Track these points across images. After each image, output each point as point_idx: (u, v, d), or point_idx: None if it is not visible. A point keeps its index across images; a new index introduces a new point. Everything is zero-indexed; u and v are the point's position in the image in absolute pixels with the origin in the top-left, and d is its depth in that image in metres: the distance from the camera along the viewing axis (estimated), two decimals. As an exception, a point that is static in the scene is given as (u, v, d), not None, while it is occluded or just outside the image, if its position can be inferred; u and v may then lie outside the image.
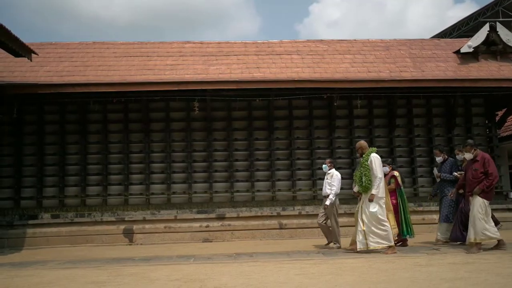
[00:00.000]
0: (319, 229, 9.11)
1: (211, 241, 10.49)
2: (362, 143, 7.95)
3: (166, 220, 10.77)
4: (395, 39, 13.25)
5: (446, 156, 8.81)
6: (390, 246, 7.32)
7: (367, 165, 7.53)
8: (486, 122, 12.57)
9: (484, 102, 12.46)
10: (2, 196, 11.31)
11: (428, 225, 10.82)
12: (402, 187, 8.59)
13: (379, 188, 7.40)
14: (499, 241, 7.32)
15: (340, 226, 8.79)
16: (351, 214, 11.00)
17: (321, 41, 13.03)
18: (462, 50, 12.03)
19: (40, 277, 5.91)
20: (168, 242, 10.39)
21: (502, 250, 7.16)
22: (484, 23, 13.23)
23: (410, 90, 11.38)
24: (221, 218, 10.80)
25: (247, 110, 11.94)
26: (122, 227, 10.67)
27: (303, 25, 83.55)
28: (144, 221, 10.75)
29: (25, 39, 9.09)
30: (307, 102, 12.01)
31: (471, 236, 7.23)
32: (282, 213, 10.87)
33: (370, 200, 7.37)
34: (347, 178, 11.86)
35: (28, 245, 10.25)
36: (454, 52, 12.25)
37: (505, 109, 12.60)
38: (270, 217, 10.84)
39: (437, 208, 11.25)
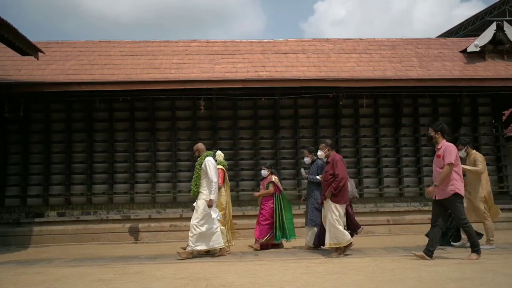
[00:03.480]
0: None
1: (216, 240, 10.47)
2: (199, 145, 7.88)
3: (171, 218, 10.80)
4: (401, 38, 13.19)
5: (315, 157, 8.43)
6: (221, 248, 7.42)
7: (201, 169, 7.49)
8: (493, 121, 12.51)
9: (490, 101, 12.40)
10: (9, 194, 11.37)
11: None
12: (282, 192, 8.55)
13: (216, 192, 7.35)
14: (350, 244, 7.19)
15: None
16: (355, 214, 11.03)
17: (327, 40, 13.00)
18: (469, 50, 11.98)
19: (47, 275, 5.93)
20: (174, 241, 10.41)
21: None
22: (491, 22, 13.17)
23: (416, 89, 11.34)
24: (226, 216, 10.79)
25: (252, 109, 11.94)
26: (127, 225, 10.71)
27: (308, 23, 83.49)
28: (150, 219, 10.79)
29: (30, 38, 9.11)
30: (313, 101, 11.99)
31: (327, 241, 7.15)
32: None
33: (210, 206, 7.28)
34: (352, 178, 11.86)
35: (35, 243, 10.32)
36: (461, 52, 12.20)
37: (512, 108, 12.56)
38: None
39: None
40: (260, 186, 8.93)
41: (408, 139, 12.15)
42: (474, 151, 8.10)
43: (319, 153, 7.61)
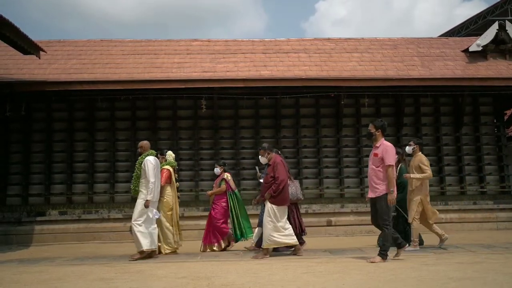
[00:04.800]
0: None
1: (217, 239, 10.47)
2: (144, 143, 7.80)
3: (172, 217, 10.79)
4: (403, 37, 13.17)
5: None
6: (153, 250, 7.38)
7: (140, 168, 7.46)
8: (495, 121, 12.49)
9: (492, 101, 12.38)
10: (10, 193, 11.39)
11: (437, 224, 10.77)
12: (236, 190, 8.45)
13: (153, 193, 7.33)
14: (295, 246, 7.23)
15: (349, 225, 8.71)
16: (357, 213, 11.03)
17: (328, 39, 12.99)
18: (471, 49, 11.96)
19: (49, 274, 5.94)
20: (175, 240, 10.39)
21: (298, 256, 7.12)
22: (492, 22, 13.13)
23: (418, 89, 11.33)
24: (227, 216, 10.79)
25: (254, 108, 11.94)
26: (129, 224, 10.67)
27: (309, 23, 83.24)
28: (151, 218, 10.78)
29: (31, 36, 9.11)
30: (314, 101, 11.98)
31: (263, 242, 7.18)
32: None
33: (146, 206, 7.26)
34: (354, 177, 11.88)
35: (36, 242, 10.34)
36: (463, 51, 12.18)
37: (514, 108, 12.53)
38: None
39: (446, 208, 11.29)
40: (214, 185, 8.78)
41: (410, 138, 12.08)
42: (420, 153, 7.97)
43: (261, 159, 7.65)
